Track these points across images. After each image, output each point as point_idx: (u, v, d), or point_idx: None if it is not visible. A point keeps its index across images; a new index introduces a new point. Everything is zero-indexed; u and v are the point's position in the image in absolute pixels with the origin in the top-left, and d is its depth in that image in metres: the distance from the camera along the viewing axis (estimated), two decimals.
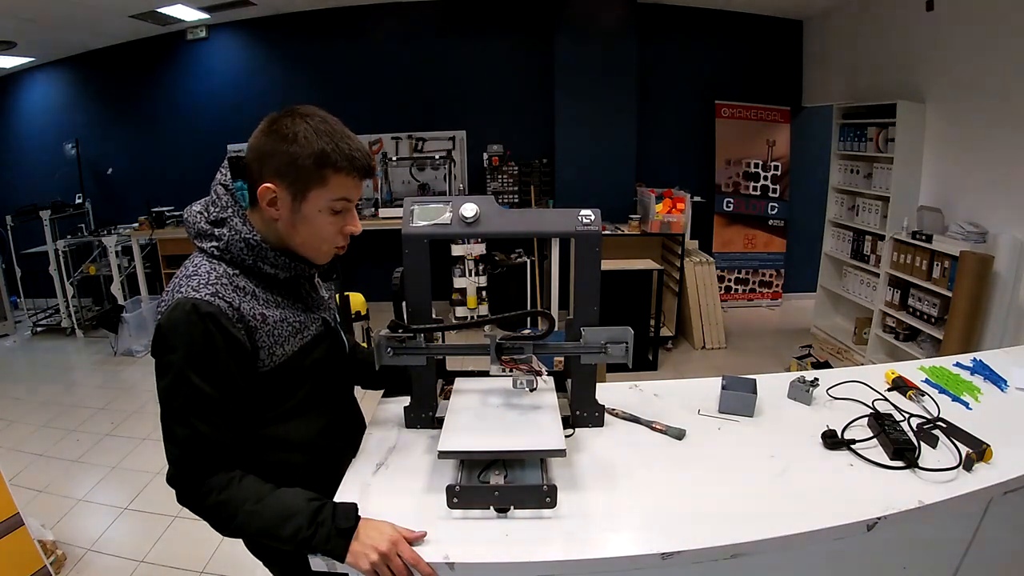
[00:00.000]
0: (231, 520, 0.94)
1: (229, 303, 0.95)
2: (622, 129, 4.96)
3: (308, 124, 0.95)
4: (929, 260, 3.40)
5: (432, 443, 1.19)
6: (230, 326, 0.94)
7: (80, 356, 4.71)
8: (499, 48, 5.23)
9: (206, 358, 0.93)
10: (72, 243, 4.97)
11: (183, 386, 0.92)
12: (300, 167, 0.95)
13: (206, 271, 0.97)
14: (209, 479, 0.94)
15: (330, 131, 0.97)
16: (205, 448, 0.94)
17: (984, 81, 3.28)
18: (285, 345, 1.03)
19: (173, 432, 0.94)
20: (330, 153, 0.95)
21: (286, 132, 0.95)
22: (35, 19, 4.19)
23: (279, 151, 0.95)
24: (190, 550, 2.32)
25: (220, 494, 0.94)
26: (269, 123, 0.98)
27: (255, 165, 0.98)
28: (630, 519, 1.01)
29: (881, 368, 1.58)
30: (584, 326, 1.18)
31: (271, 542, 0.94)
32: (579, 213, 1.17)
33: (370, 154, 1.02)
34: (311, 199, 0.98)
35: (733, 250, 5.51)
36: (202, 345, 0.92)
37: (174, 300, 0.94)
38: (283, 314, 1.04)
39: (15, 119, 5.60)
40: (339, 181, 0.98)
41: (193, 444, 0.93)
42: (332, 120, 0.99)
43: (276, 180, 0.97)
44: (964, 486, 1.07)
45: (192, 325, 0.92)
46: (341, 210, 1.02)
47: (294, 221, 1.00)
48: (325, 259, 1.08)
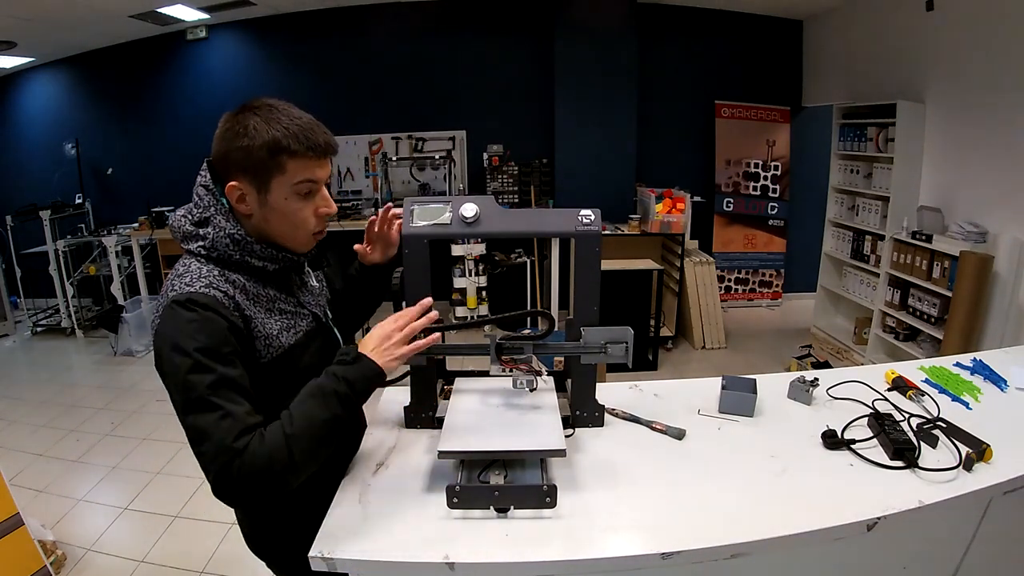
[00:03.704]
0: (289, 458, 0.88)
1: (224, 292, 0.96)
2: (622, 129, 4.96)
3: (257, 116, 0.96)
4: (929, 260, 3.40)
5: (432, 443, 1.19)
6: (228, 314, 0.94)
7: (80, 356, 4.71)
8: (499, 48, 5.23)
9: (213, 343, 0.91)
10: (72, 243, 4.97)
11: (199, 373, 0.88)
12: (256, 159, 0.96)
13: (196, 268, 0.98)
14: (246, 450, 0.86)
15: (278, 118, 0.96)
16: (236, 428, 0.87)
17: (984, 81, 3.28)
18: (280, 338, 1.03)
19: (199, 426, 0.87)
20: (280, 139, 0.95)
21: (238, 128, 0.96)
22: (35, 19, 4.19)
23: (234, 148, 0.96)
24: (190, 550, 2.32)
25: (261, 448, 0.87)
26: (224, 122, 0.99)
27: (220, 166, 0.99)
28: (630, 519, 1.01)
29: (881, 368, 1.58)
30: (584, 326, 1.18)
31: (331, 430, 0.94)
32: (579, 213, 1.17)
33: (327, 131, 1.01)
34: (274, 188, 0.98)
35: (733, 250, 5.51)
36: (207, 332, 0.91)
37: (168, 299, 0.94)
38: (275, 308, 1.04)
39: (15, 119, 5.60)
40: (296, 165, 0.98)
41: (223, 428, 0.86)
42: (283, 107, 0.98)
43: (239, 177, 0.98)
44: (964, 486, 1.07)
45: (192, 313, 0.91)
46: (308, 192, 1.01)
47: (265, 214, 1.01)
48: (306, 247, 1.08)
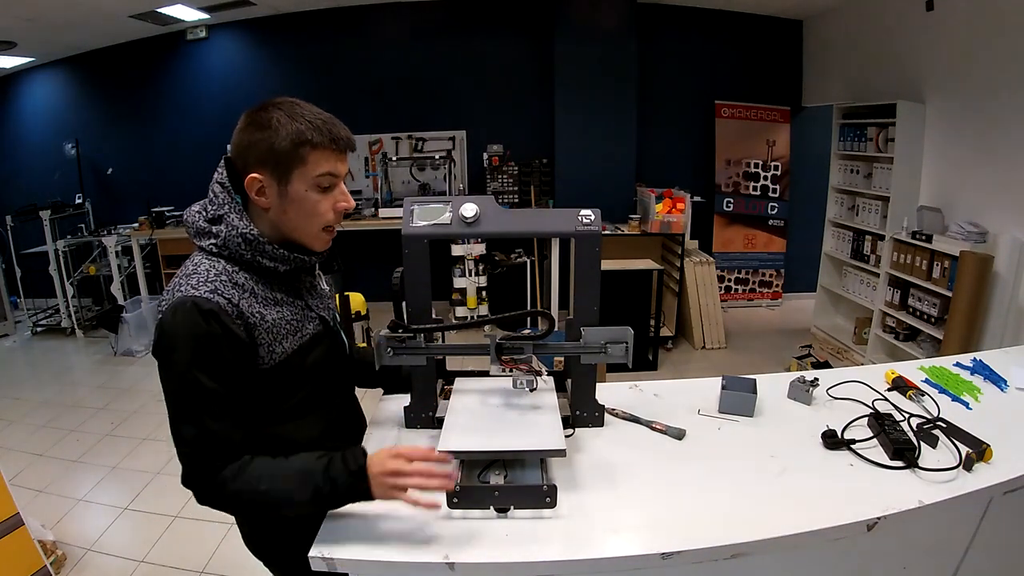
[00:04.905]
0: (251, 505, 0.96)
1: (228, 299, 0.97)
2: (622, 129, 4.96)
3: (281, 110, 0.98)
4: (929, 260, 3.40)
5: (432, 443, 1.18)
6: (230, 323, 0.95)
7: (80, 356, 4.71)
8: (499, 48, 5.23)
9: (210, 355, 0.94)
10: (72, 243, 4.97)
11: (189, 384, 0.93)
12: (278, 151, 0.97)
13: (205, 269, 0.99)
14: (222, 472, 0.95)
15: (302, 112, 0.99)
16: (216, 445, 0.94)
17: (984, 81, 3.28)
18: (284, 343, 1.04)
19: (182, 432, 0.95)
20: (304, 131, 0.97)
21: (261, 122, 0.98)
22: (35, 19, 4.19)
23: (257, 140, 0.97)
24: (190, 550, 2.32)
25: (234, 483, 0.94)
26: (245, 117, 1.00)
27: (239, 161, 1.00)
28: (630, 519, 1.01)
29: (881, 368, 1.58)
30: (584, 326, 1.18)
31: (296, 511, 0.96)
32: (579, 213, 1.17)
33: (346, 128, 1.03)
34: (295, 180, 0.99)
35: (733, 250, 5.51)
36: (205, 342, 0.93)
37: (174, 299, 0.95)
38: (282, 312, 1.05)
39: (15, 119, 5.60)
40: (318, 157, 0.99)
41: (204, 442, 0.94)
42: (305, 104, 1.01)
43: (259, 169, 0.99)
44: (964, 486, 1.07)
45: (194, 323, 0.93)
46: (328, 186, 1.03)
47: (284, 206, 1.01)
48: (321, 244, 1.08)
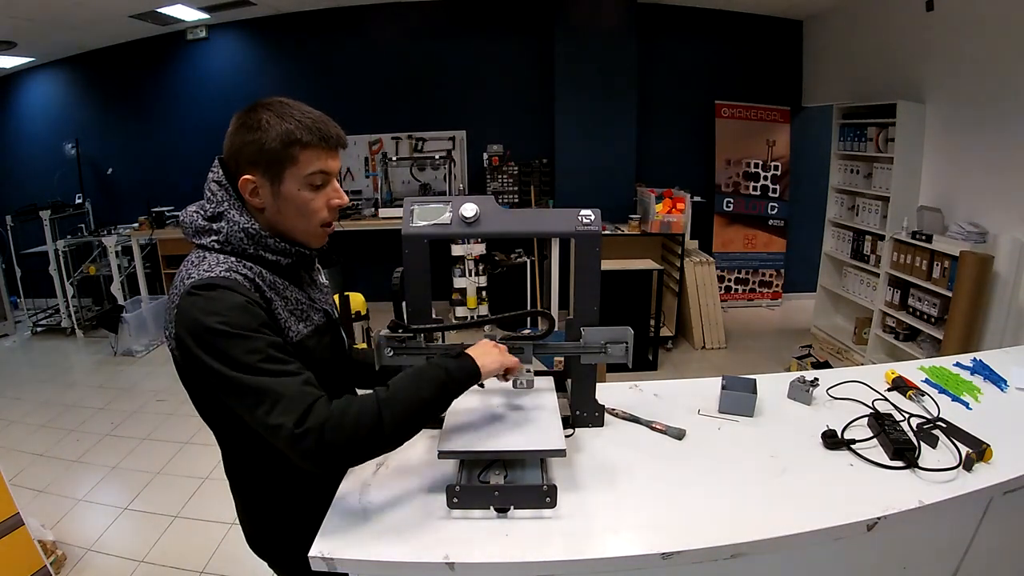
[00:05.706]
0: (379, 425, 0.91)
1: (244, 276, 0.97)
2: (622, 129, 4.96)
3: (270, 111, 0.98)
4: (929, 260, 3.40)
5: (432, 443, 1.19)
6: (250, 295, 0.95)
7: (80, 356, 4.71)
8: (499, 48, 5.23)
9: (245, 318, 0.91)
10: (72, 243, 4.97)
11: (244, 343, 0.88)
12: (269, 151, 0.97)
13: (213, 257, 0.98)
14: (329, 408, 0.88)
15: (291, 112, 0.99)
16: (308, 387, 0.89)
17: (984, 81, 3.28)
18: (298, 325, 1.04)
19: (266, 388, 0.87)
20: (294, 130, 0.97)
21: (251, 123, 0.98)
22: (35, 19, 4.19)
23: (248, 142, 0.98)
24: (190, 550, 2.32)
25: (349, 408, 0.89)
26: (236, 120, 1.00)
27: (232, 163, 1.01)
28: (630, 519, 1.01)
29: (881, 368, 1.58)
30: (584, 326, 1.18)
31: (424, 411, 0.97)
32: (579, 213, 1.17)
33: (336, 125, 1.03)
34: (287, 179, 0.99)
35: (733, 250, 5.51)
36: (238, 309, 0.91)
37: (186, 288, 0.93)
38: (291, 298, 1.05)
39: (15, 119, 5.60)
40: (309, 155, 0.99)
41: (294, 388, 0.87)
42: (294, 103, 1.01)
43: (251, 170, 0.99)
44: (964, 486, 1.07)
45: (218, 295, 0.91)
46: (321, 184, 1.03)
47: (278, 205, 1.01)
48: (318, 239, 1.08)
